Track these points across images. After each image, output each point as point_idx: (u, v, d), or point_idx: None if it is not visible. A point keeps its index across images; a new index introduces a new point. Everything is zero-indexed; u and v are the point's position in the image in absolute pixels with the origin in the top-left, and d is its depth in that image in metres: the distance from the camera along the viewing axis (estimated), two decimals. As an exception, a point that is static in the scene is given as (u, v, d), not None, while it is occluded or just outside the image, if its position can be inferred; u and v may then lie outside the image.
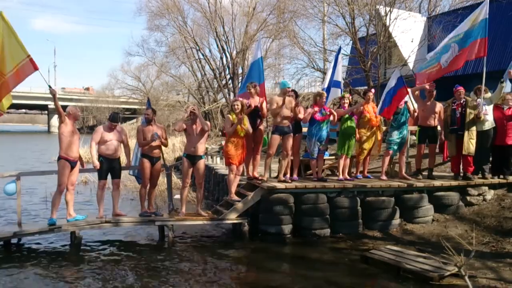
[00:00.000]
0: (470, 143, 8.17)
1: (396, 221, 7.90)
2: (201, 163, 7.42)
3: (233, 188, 7.68)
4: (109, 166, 7.24)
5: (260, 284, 5.65)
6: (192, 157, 7.37)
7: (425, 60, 9.00)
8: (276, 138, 7.79)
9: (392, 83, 8.34)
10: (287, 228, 7.43)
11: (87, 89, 68.00)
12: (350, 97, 8.99)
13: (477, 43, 8.12)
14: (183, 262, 6.46)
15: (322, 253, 6.89)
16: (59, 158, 6.87)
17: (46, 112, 61.54)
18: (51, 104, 59.09)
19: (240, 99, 7.77)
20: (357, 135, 8.40)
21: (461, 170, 8.58)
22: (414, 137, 9.86)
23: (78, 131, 7.22)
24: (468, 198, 8.19)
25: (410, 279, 5.61)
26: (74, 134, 6.95)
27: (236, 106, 7.43)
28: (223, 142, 18.91)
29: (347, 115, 8.31)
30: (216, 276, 5.89)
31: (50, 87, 6.82)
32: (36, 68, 6.65)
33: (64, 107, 6.95)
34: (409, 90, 8.41)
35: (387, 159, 8.64)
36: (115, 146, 7.28)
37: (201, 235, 7.89)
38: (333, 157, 9.42)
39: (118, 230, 7.83)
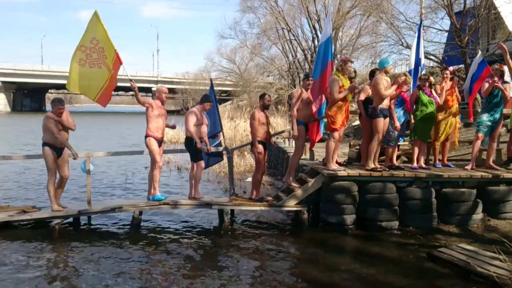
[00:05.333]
0: None
1: (478, 215, 7.04)
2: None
3: (335, 156, 7.46)
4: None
5: (311, 280, 5.30)
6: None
7: None
8: (382, 122, 7.23)
9: (474, 68, 7.48)
10: (349, 219, 6.96)
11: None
12: (432, 78, 8.10)
13: None
14: (236, 249, 6.36)
15: (385, 248, 6.34)
16: (147, 136, 7.17)
17: (150, 94, 65.89)
18: (154, 87, 63.13)
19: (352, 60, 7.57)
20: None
21: None
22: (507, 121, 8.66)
23: (166, 112, 7.43)
24: None
25: (480, 284, 4.92)
26: (160, 115, 7.22)
27: (349, 68, 7.21)
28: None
29: (426, 97, 7.52)
30: (266, 267, 5.70)
31: (131, 80, 7.12)
32: (120, 62, 7.04)
33: (170, 90, 7.27)
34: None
35: (478, 143, 7.64)
36: (205, 128, 7.50)
37: (261, 221, 7.75)
38: (407, 142, 8.63)
39: (180, 212, 8.01)
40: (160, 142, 7.24)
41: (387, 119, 7.33)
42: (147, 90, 67.03)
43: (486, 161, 7.67)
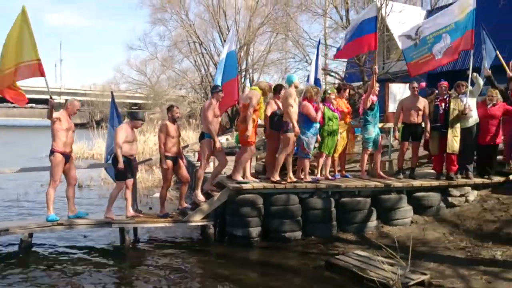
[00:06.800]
0: (454, 140, 7.75)
1: (373, 223, 7.51)
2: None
3: (248, 168, 7.57)
4: (129, 166, 7.05)
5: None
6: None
7: (411, 46, 8.45)
8: (293, 136, 7.36)
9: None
10: (255, 231, 7.05)
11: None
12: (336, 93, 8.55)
13: (466, 35, 7.71)
14: (139, 269, 6.15)
15: (288, 258, 6.52)
16: (53, 152, 6.75)
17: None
18: (57, 99, 59.36)
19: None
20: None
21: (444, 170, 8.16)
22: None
23: (74, 125, 7.16)
24: (449, 199, 7.75)
25: (373, 289, 5.25)
26: (69, 129, 6.89)
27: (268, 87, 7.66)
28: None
29: (331, 112, 7.90)
30: (169, 285, 5.58)
31: (51, 97, 6.82)
32: (43, 75, 6.69)
33: None
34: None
35: (366, 157, 8.24)
36: (136, 145, 7.29)
37: (167, 238, 7.58)
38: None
39: (78, 233, 7.56)
40: (67, 157, 6.88)
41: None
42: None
43: (375, 172, 8.25)
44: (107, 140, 8.58)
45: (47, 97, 6.85)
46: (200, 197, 7.43)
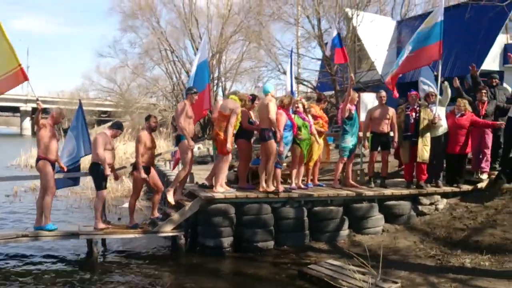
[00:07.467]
0: (424, 150, 7.86)
1: (345, 232, 7.52)
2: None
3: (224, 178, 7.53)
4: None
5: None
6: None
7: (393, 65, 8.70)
8: (275, 144, 7.27)
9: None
10: (227, 241, 6.95)
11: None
12: (304, 101, 8.59)
13: (432, 47, 7.87)
14: (104, 282, 5.93)
15: (260, 268, 6.44)
16: (40, 159, 6.66)
17: (18, 114, 60.18)
18: (23, 106, 57.78)
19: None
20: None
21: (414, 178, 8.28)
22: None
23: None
24: (420, 207, 7.85)
25: (345, 298, 5.22)
26: (54, 136, 6.82)
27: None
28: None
29: (301, 121, 7.89)
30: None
31: (37, 99, 6.76)
32: (26, 79, 6.65)
33: (43, 110, 6.79)
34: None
35: (340, 166, 8.27)
36: (114, 154, 7.30)
37: (137, 250, 7.38)
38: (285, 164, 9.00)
39: (44, 245, 7.27)
40: (53, 165, 6.79)
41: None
42: (15, 109, 61.01)
43: (347, 181, 8.28)
44: (67, 147, 8.21)
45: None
46: (171, 196, 7.25)
